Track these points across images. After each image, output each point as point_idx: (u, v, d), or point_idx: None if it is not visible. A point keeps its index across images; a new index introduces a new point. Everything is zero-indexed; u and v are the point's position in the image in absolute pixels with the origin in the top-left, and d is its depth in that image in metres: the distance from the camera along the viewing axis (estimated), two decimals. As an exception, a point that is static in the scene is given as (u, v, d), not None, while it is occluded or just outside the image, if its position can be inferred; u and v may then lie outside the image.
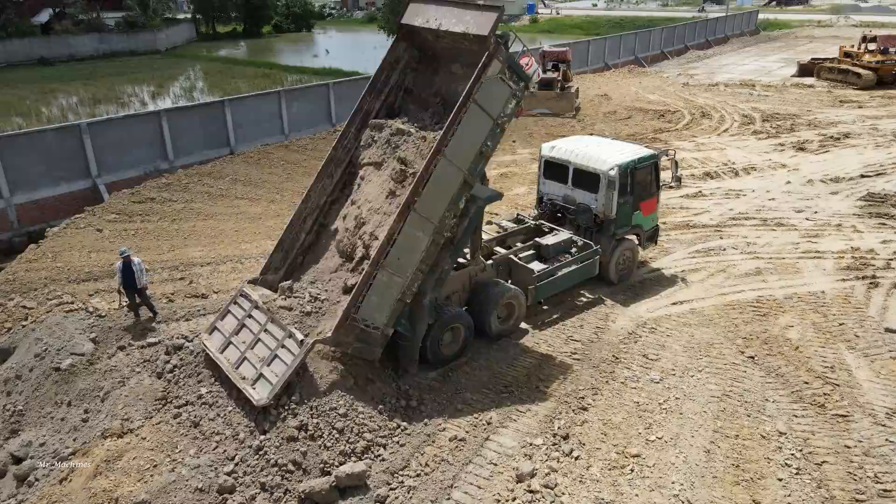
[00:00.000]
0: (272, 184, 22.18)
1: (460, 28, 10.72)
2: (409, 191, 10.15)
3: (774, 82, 40.38)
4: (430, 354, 11.33)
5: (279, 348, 9.86)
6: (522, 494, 8.81)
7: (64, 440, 9.96)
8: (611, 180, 13.80)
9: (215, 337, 10.79)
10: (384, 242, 10.08)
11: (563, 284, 13.64)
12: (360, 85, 32.74)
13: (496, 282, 12.67)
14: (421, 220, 10.34)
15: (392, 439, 9.61)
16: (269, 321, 10.28)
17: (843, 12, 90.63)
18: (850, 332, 12.65)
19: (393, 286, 10.35)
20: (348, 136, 12.07)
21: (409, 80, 12.38)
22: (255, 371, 9.81)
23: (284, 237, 11.89)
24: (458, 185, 10.64)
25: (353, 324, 10.04)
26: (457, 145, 10.37)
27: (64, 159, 21.87)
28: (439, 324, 11.30)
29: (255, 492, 8.63)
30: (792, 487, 8.90)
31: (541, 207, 15.41)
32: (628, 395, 10.90)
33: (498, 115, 10.75)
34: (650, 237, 15.38)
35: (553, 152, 14.93)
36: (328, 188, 12.09)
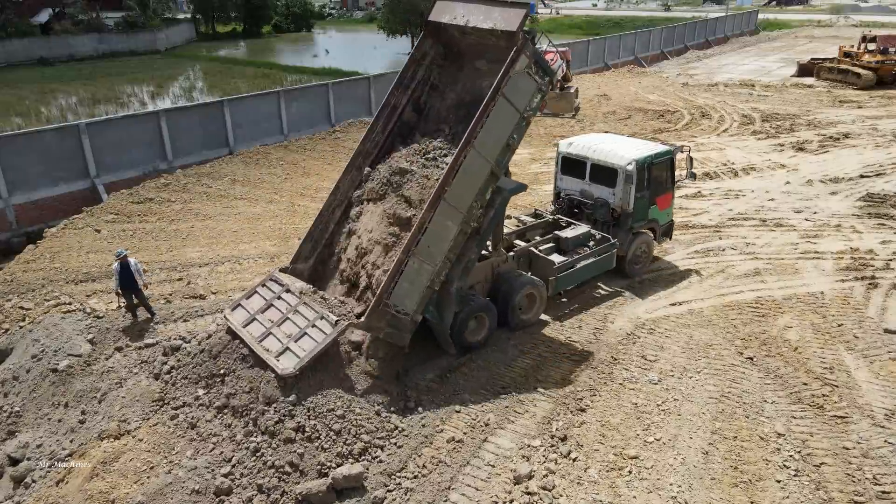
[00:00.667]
0: (271, 184, 22.16)
1: (488, 24, 11.10)
2: (441, 181, 10.53)
3: (774, 82, 40.35)
4: (455, 341, 11.73)
5: (309, 328, 10.20)
6: (520, 496, 8.78)
7: (61, 441, 9.94)
8: (628, 175, 14.13)
9: (238, 313, 11.05)
10: (416, 231, 10.44)
11: (582, 276, 14.01)
12: (360, 85, 33.04)
13: (518, 273, 13.05)
14: (450, 209, 10.71)
15: (389, 441, 9.59)
16: (301, 304, 10.64)
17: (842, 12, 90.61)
18: (849, 332, 12.62)
19: (423, 273, 10.70)
20: (376, 130, 12.43)
21: (434, 75, 12.69)
22: (282, 345, 10.08)
23: (314, 228, 12.19)
24: (486, 176, 11.02)
25: (385, 309, 10.37)
26: (485, 137, 10.73)
27: (63, 159, 21.86)
28: (465, 312, 11.70)
29: (251, 493, 8.61)
30: (790, 489, 8.88)
31: (558, 202, 15.72)
32: (626, 396, 10.88)
33: (524, 109, 11.12)
34: (665, 232, 15.79)
35: (571, 148, 15.25)
36: (356, 180, 12.38)
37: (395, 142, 12.54)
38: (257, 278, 15.11)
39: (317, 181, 22.52)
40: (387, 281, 10.35)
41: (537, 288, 12.86)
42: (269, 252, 16.72)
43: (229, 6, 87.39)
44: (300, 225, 18.56)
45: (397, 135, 12.59)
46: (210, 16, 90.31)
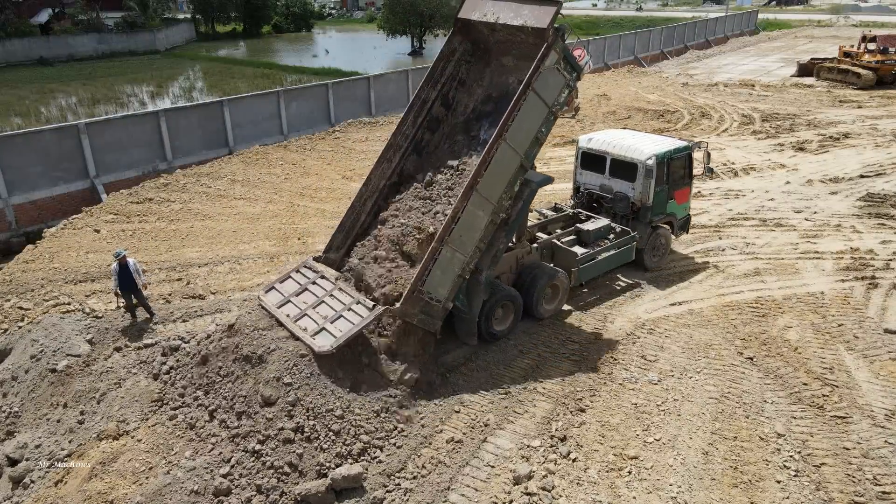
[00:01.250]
0: (270, 184, 22.14)
1: (518, 21, 11.41)
2: (473, 172, 10.91)
3: (774, 82, 40.34)
4: (483, 329, 12.08)
5: (346, 311, 10.60)
6: (519, 497, 8.76)
7: (60, 442, 9.92)
8: (648, 169, 14.45)
9: (272, 295, 11.44)
10: (449, 220, 10.79)
11: (603, 268, 14.39)
12: (360, 85, 33.08)
13: (541, 264, 13.45)
14: (482, 199, 11.09)
15: (389, 441, 9.57)
16: (337, 289, 11.10)
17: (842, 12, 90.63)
18: (849, 332, 12.60)
19: (455, 262, 11.08)
20: (406, 124, 12.75)
21: (462, 71, 13.04)
22: (317, 325, 10.45)
23: (346, 219, 12.50)
24: (515, 168, 11.40)
25: (419, 296, 10.76)
26: (515, 131, 11.08)
27: (62, 159, 21.87)
28: (493, 300, 12.03)
29: (250, 494, 8.59)
30: (790, 489, 8.86)
31: (577, 197, 16.07)
32: (626, 396, 10.86)
33: (553, 103, 11.51)
34: (682, 226, 16.11)
35: (591, 144, 15.57)
36: (387, 172, 12.72)
37: (423, 135, 12.93)
38: (257, 278, 15.13)
39: (316, 181, 22.51)
40: (421, 268, 10.71)
41: (560, 278, 13.20)
42: (268, 252, 16.70)
43: (229, 6, 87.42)
44: (300, 225, 18.55)
45: (426, 128, 12.94)
46: (210, 16, 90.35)
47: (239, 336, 10.41)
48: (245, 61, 66.30)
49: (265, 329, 10.48)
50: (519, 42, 11.93)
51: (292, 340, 10.14)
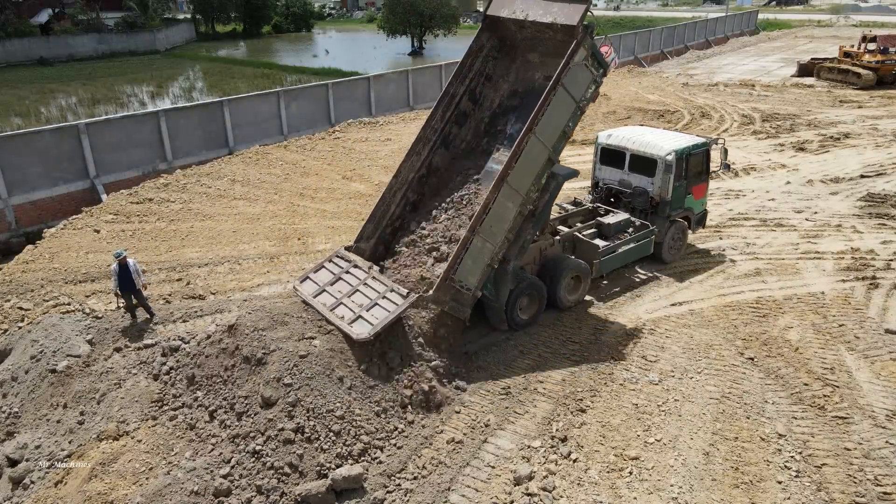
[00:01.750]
0: (270, 184, 22.13)
1: (548, 18, 11.79)
2: (504, 164, 11.29)
3: (774, 82, 40.32)
4: (509, 317, 12.56)
5: (380, 299, 10.88)
6: (520, 497, 8.75)
7: (59, 442, 9.91)
8: (668, 164, 14.80)
9: (307, 285, 11.79)
10: (480, 211, 11.23)
11: (623, 260, 14.74)
12: (360, 85, 33.07)
13: (564, 256, 13.84)
14: (511, 191, 11.49)
15: (389, 442, 9.56)
16: (370, 278, 11.42)
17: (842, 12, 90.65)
18: (850, 333, 12.59)
19: (485, 251, 11.52)
20: (435, 118, 13.14)
21: (489, 67, 13.43)
22: (354, 314, 10.73)
23: (376, 209, 12.85)
24: (544, 161, 11.80)
25: (451, 284, 11.19)
26: (545, 125, 11.46)
27: (62, 160, 21.85)
28: (519, 289, 12.49)
29: (250, 495, 8.58)
30: (791, 490, 8.85)
31: (596, 192, 16.39)
32: (627, 396, 10.84)
33: (580, 99, 11.91)
34: (699, 220, 16.47)
35: (610, 140, 15.91)
36: (416, 165, 13.12)
37: (451, 129, 13.30)
38: (257, 279, 15.11)
39: (316, 181, 22.49)
40: (453, 257, 11.16)
41: (583, 270, 13.60)
42: (268, 252, 16.69)
43: (229, 6, 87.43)
44: (300, 225, 18.53)
45: (454, 122, 13.32)
46: (210, 16, 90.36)
47: (239, 336, 10.39)
48: (245, 61, 66.30)
49: (265, 329, 10.45)
50: (546, 39, 12.32)
51: (293, 341, 10.13)
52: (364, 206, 19.95)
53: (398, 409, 10.09)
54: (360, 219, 18.97)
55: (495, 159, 12.88)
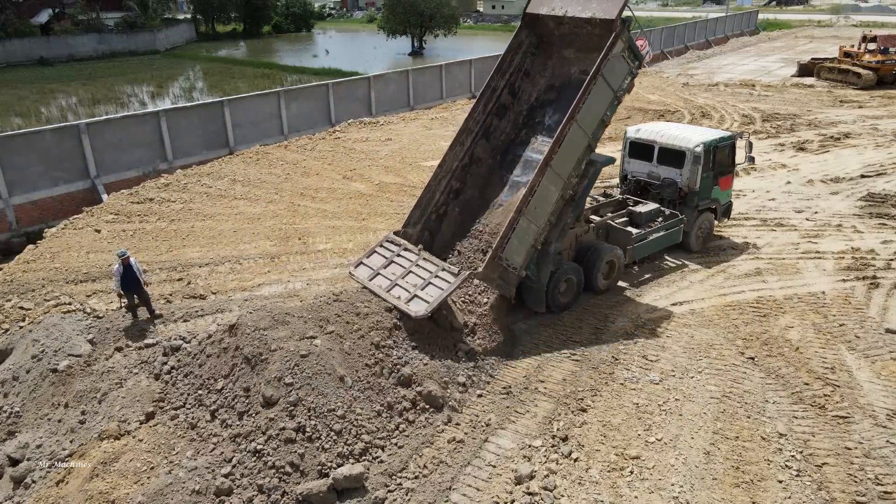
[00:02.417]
0: (271, 184, 22.14)
1: (587, 14, 12.55)
2: (548, 150, 11.99)
3: (774, 82, 40.34)
4: (550, 300, 13.16)
5: (433, 278, 11.63)
6: (521, 496, 8.75)
7: (61, 442, 9.92)
8: (696, 156, 15.47)
9: (362, 269, 12.58)
10: (527, 192, 11.91)
11: (654, 248, 15.39)
12: (360, 85, 33.10)
13: (600, 242, 14.46)
14: (554, 175, 12.16)
15: (390, 441, 9.57)
16: (421, 259, 12.16)
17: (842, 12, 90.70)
18: (850, 332, 12.59)
19: (530, 232, 12.20)
20: (477, 110, 13.81)
21: (527, 63, 14.15)
22: (409, 294, 11.51)
23: (422, 197, 13.55)
24: (584, 147, 12.51)
25: (499, 262, 11.84)
26: (585, 113, 12.18)
27: (62, 160, 21.87)
28: (559, 273, 13.13)
29: (252, 494, 8.58)
30: (792, 489, 8.85)
31: (625, 184, 17.05)
32: (628, 396, 10.85)
33: (618, 89, 12.64)
34: (724, 211, 17.06)
35: (639, 134, 16.59)
36: (460, 155, 13.80)
37: (492, 121, 14.03)
38: (258, 278, 15.13)
39: (317, 181, 22.50)
40: (501, 237, 11.80)
41: (617, 256, 14.19)
42: (269, 252, 16.70)
43: (229, 6, 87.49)
44: (300, 225, 18.54)
45: (494, 115, 14.03)
46: (210, 16, 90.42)
47: (240, 336, 10.40)
48: (245, 61, 66.33)
49: (266, 329, 10.46)
50: (584, 34, 13.07)
51: (294, 340, 10.14)
52: (364, 206, 19.97)
53: (399, 408, 10.09)
54: (360, 218, 19.00)
55: (534, 149, 13.73)
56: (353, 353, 10.40)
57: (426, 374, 10.63)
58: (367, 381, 10.15)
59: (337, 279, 15.01)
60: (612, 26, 12.06)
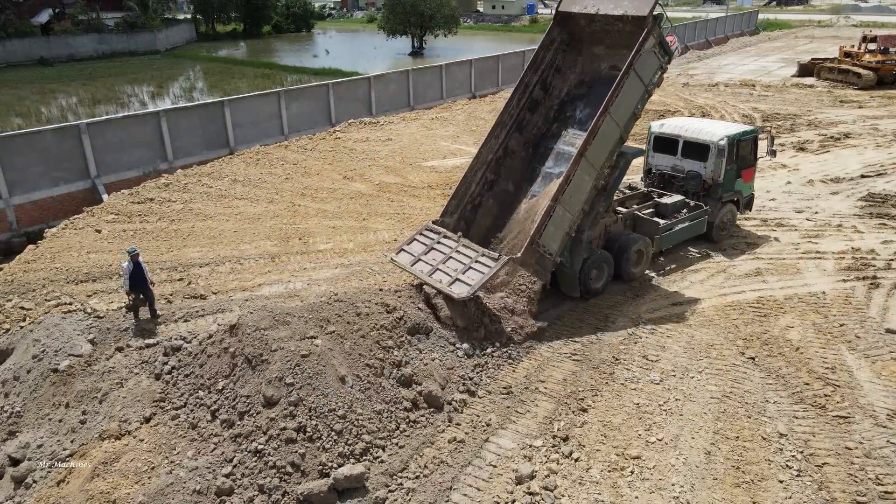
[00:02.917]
0: (271, 184, 22.14)
1: (619, 11, 13.06)
2: (583, 141, 12.52)
3: (774, 82, 40.34)
4: (582, 286, 13.78)
5: (474, 263, 12.14)
6: (522, 496, 8.76)
7: (62, 442, 9.91)
8: (721, 149, 16.02)
9: (403, 256, 13.14)
10: (562, 182, 12.46)
11: (680, 237, 15.89)
12: (361, 85, 33.11)
13: (628, 232, 15.02)
14: (588, 165, 12.69)
15: (391, 441, 9.57)
16: (461, 246, 12.68)
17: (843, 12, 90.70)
18: (850, 332, 12.60)
19: (565, 220, 12.73)
20: (512, 104, 14.37)
21: (559, 59, 14.70)
22: (451, 278, 12.04)
23: (459, 187, 14.10)
24: (616, 139, 13.03)
25: (536, 248, 12.37)
26: (618, 106, 12.67)
27: (63, 160, 21.87)
28: (591, 260, 13.76)
29: (253, 494, 8.59)
30: (793, 489, 8.86)
31: (649, 177, 17.56)
32: (628, 396, 10.85)
33: (648, 83, 13.13)
34: (747, 203, 17.56)
35: (663, 129, 17.17)
36: (494, 147, 14.36)
37: (525, 115, 14.57)
38: (258, 278, 15.13)
39: (317, 181, 22.50)
40: (539, 224, 12.34)
41: (646, 245, 14.78)
42: (269, 252, 16.70)
43: (229, 6, 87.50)
44: (301, 225, 18.55)
45: (527, 109, 14.59)
46: (210, 16, 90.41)
47: (241, 336, 10.40)
48: (245, 61, 66.34)
49: (267, 329, 10.47)
50: (615, 31, 13.55)
51: (294, 340, 10.14)
52: (365, 206, 19.97)
53: (400, 408, 10.10)
54: (361, 219, 19.01)
55: (565, 142, 14.32)
56: (354, 352, 10.41)
57: (427, 374, 10.64)
58: (367, 380, 10.16)
59: (337, 279, 15.02)
60: (644, 23, 12.52)
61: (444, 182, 22.25)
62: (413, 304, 12.00)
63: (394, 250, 13.53)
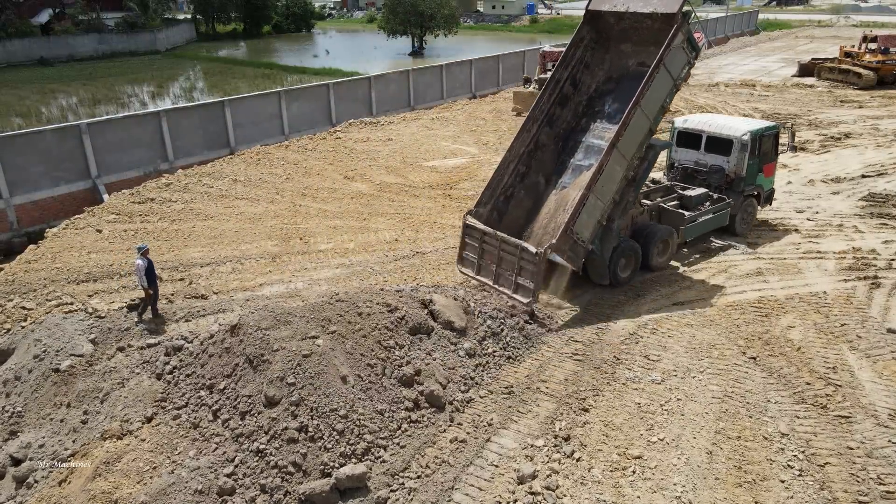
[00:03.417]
0: (272, 184, 22.15)
1: (648, 9, 13.67)
2: (615, 133, 13.04)
3: (775, 82, 40.35)
4: (611, 274, 14.28)
5: (520, 261, 12.89)
6: (523, 496, 8.75)
7: (63, 441, 9.92)
8: (744, 144, 16.51)
9: (466, 263, 14.14)
10: (595, 171, 12.99)
11: (703, 229, 16.32)
12: (361, 85, 33.12)
13: (654, 223, 15.48)
14: (620, 156, 13.21)
15: (392, 441, 9.57)
16: (503, 242, 13.25)
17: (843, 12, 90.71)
18: (852, 332, 12.59)
19: (597, 208, 13.24)
20: (543, 100, 14.89)
21: (587, 56, 15.29)
22: (512, 282, 13.02)
23: (492, 179, 14.63)
24: (645, 131, 13.59)
25: (570, 235, 12.86)
26: (649, 99, 13.19)
27: (63, 160, 21.88)
28: (620, 249, 14.25)
29: (254, 493, 8.59)
30: (794, 489, 8.85)
31: (672, 171, 18.01)
32: (630, 396, 10.85)
33: (677, 77, 13.74)
34: (767, 197, 18.01)
35: (687, 124, 17.64)
36: (526, 140, 14.86)
37: (555, 110, 15.10)
38: (259, 278, 15.14)
39: (318, 181, 22.51)
40: (573, 212, 12.85)
41: (671, 235, 15.28)
42: (270, 252, 16.70)
43: (229, 6, 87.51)
44: (301, 225, 18.55)
45: (558, 104, 15.11)
46: (210, 16, 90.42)
47: (242, 336, 10.40)
48: (245, 61, 66.35)
49: (268, 329, 10.47)
50: (643, 28, 14.12)
51: (296, 340, 10.12)
52: (365, 206, 19.98)
53: (401, 408, 10.10)
54: (361, 218, 19.01)
55: (595, 135, 14.88)
56: (356, 352, 10.41)
57: (428, 374, 10.64)
58: (369, 380, 10.16)
59: (338, 279, 15.03)
60: (674, 20, 13.08)
61: (445, 182, 22.26)
62: (414, 303, 11.99)
63: (456, 260, 14.43)
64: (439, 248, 16.83)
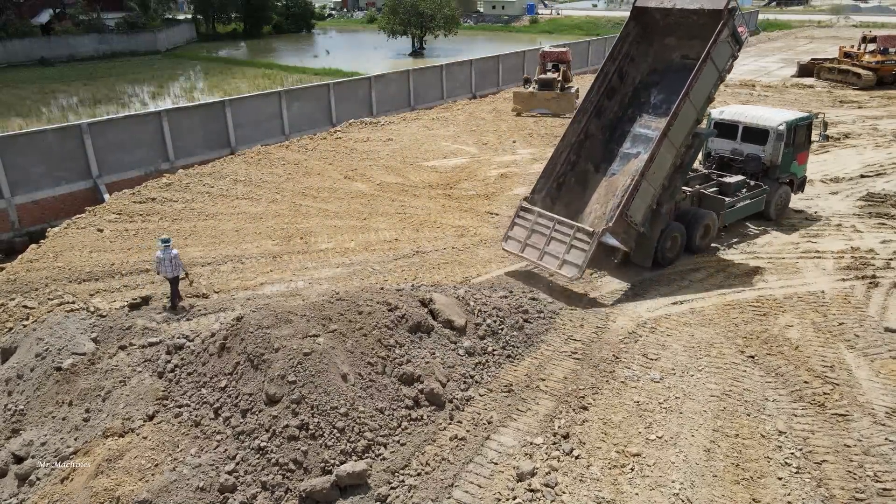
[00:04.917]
0: (273, 184, 22.21)
1: (695, 5, 14.45)
2: (666, 123, 13.85)
3: (774, 82, 40.42)
4: (659, 254, 15.12)
5: (573, 241, 13.62)
6: (523, 493, 8.82)
7: (65, 439, 9.97)
8: (779, 134, 17.32)
9: (511, 243, 14.81)
10: (648, 159, 13.81)
11: (741, 214, 17.18)
12: (361, 85, 33.17)
13: (696, 208, 16.29)
14: (670, 144, 13.98)
15: (393, 438, 9.63)
16: (557, 223, 14.12)
17: (842, 12, 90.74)
18: (849, 331, 12.66)
19: (648, 193, 14.03)
20: (592, 92, 15.84)
21: (633, 50, 16.11)
22: (558, 260, 13.73)
23: (547, 167, 15.64)
24: (693, 121, 14.39)
25: (625, 218, 13.70)
26: (696, 91, 13.95)
27: (64, 159, 21.95)
28: (667, 230, 15.04)
29: (256, 491, 8.65)
30: (792, 486, 8.91)
31: (709, 160, 18.86)
32: (628, 394, 10.91)
33: (722, 70, 14.48)
34: (800, 185, 18.94)
35: (723, 115, 18.47)
36: (577, 130, 15.83)
37: (603, 102, 15.96)
38: (260, 277, 15.19)
39: (318, 181, 22.57)
40: (627, 197, 13.70)
41: (713, 219, 16.03)
42: (271, 251, 16.76)
43: (230, 6, 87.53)
44: (302, 224, 18.61)
45: (605, 96, 15.98)
46: (210, 16, 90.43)
47: (243, 334, 10.46)
48: (246, 62, 66.40)
49: (269, 327, 10.53)
50: (689, 24, 14.95)
51: (297, 339, 10.19)
52: (366, 206, 20.03)
53: (401, 406, 10.16)
54: (362, 218, 19.07)
55: (641, 125, 15.77)
56: (356, 351, 10.47)
57: (428, 372, 10.70)
58: (369, 378, 10.22)
59: (339, 278, 15.09)
60: (720, 15, 13.79)
61: (445, 182, 22.32)
62: (414, 302, 12.05)
63: (502, 238, 15.13)
64: (439, 247, 16.89)
